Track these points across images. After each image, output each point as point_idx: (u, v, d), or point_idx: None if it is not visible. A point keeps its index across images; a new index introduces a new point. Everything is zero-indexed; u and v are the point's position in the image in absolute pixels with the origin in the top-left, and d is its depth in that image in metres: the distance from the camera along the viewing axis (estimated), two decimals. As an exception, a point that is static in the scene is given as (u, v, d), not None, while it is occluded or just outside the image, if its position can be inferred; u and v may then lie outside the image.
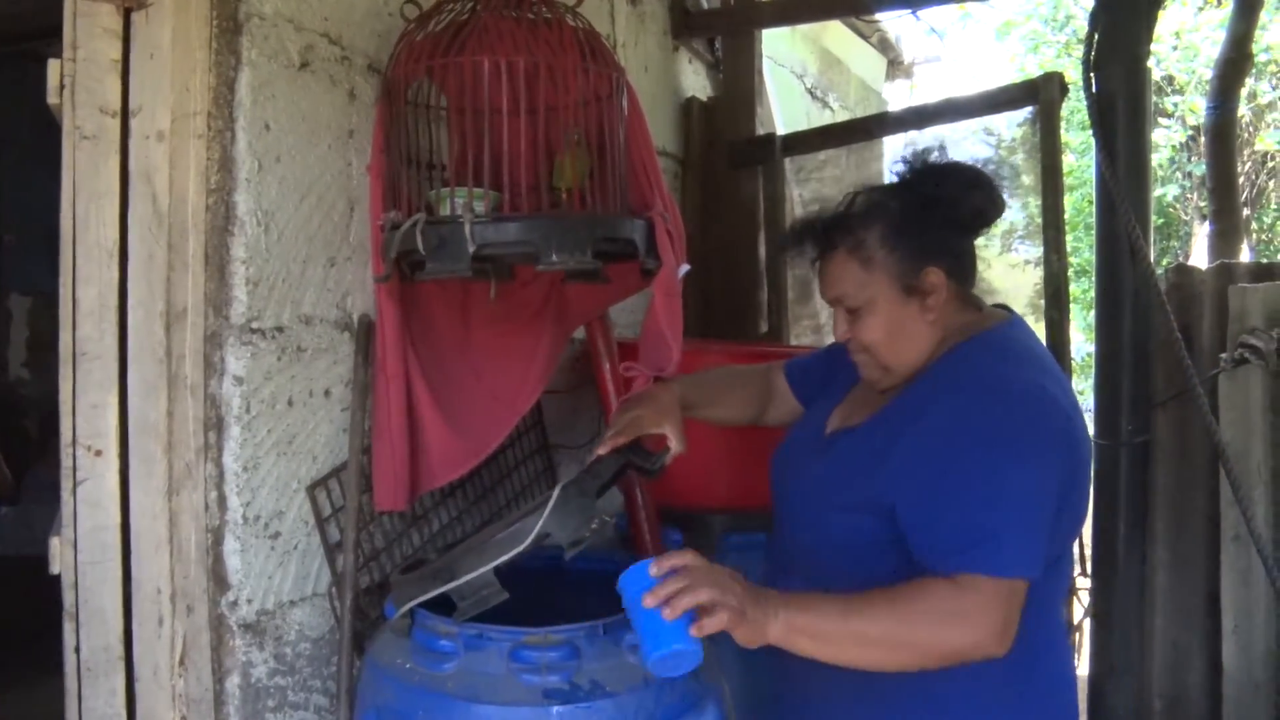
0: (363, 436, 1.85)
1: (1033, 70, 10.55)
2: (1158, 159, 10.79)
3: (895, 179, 1.51)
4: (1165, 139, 10.53)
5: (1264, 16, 9.00)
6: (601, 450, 1.53)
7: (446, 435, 1.84)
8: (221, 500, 1.68)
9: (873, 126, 3.35)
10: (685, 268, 1.80)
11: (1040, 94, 2.64)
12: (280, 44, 1.74)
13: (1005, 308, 1.55)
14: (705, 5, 3.40)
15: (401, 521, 2.01)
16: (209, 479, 1.66)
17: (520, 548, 1.46)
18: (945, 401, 1.37)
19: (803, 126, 4.13)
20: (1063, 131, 2.86)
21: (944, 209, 1.44)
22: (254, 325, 1.71)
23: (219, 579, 1.68)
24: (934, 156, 1.49)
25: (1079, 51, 2.75)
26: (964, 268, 1.48)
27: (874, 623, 1.27)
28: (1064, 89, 2.62)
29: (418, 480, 1.84)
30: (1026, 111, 2.77)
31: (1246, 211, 9.99)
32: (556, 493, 1.49)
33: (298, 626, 1.81)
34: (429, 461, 1.85)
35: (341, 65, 1.88)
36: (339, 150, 1.87)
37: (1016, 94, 2.77)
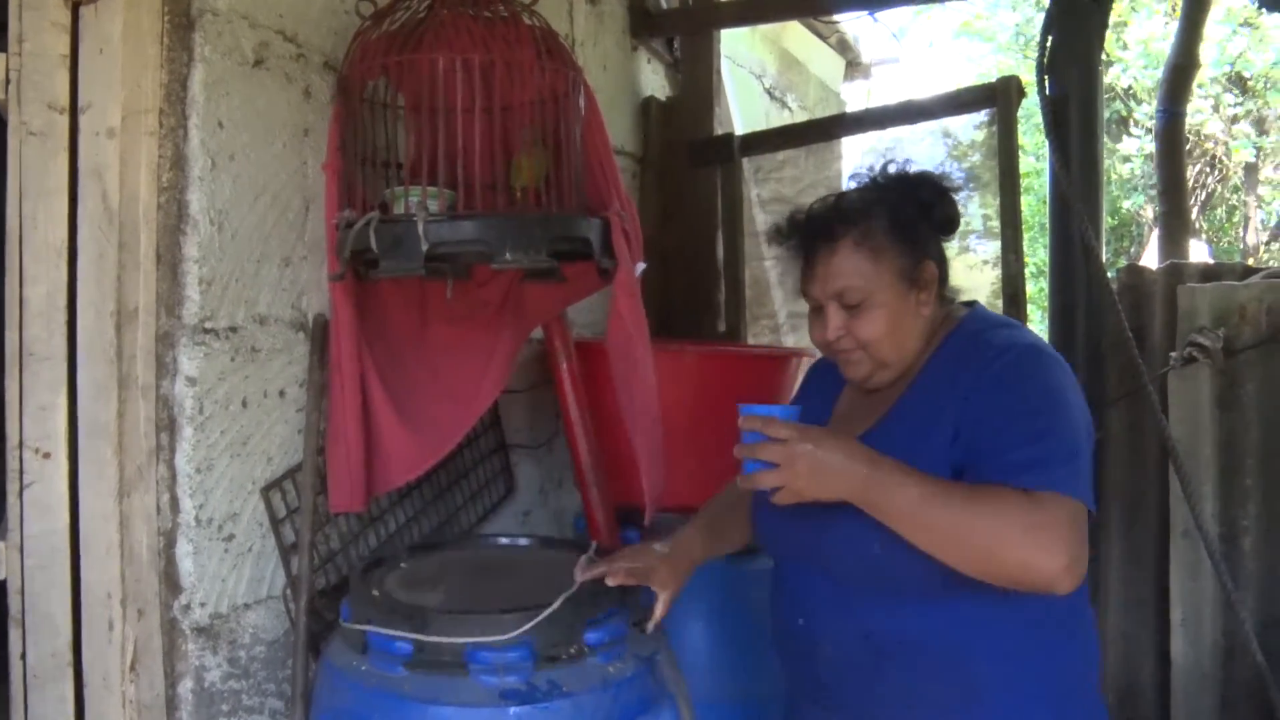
0: (318, 437, 1.84)
1: (991, 73, 10.68)
2: (1130, 169, 10.98)
3: (865, 184, 1.52)
4: (1138, 148, 10.72)
5: (1228, 30, 9.21)
6: (612, 581, 1.59)
7: (403, 435, 1.83)
8: (174, 502, 1.66)
9: (831, 127, 3.37)
10: (641, 266, 1.80)
11: (998, 97, 2.66)
12: (234, 41, 1.72)
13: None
14: (664, 5, 3.40)
15: (358, 522, 2.00)
16: (161, 481, 1.64)
17: (498, 638, 1.46)
18: (976, 368, 1.38)
19: (762, 127, 4.15)
20: (1020, 134, 2.89)
21: (925, 211, 1.47)
22: (207, 325, 1.69)
23: (171, 582, 1.66)
24: (898, 167, 1.51)
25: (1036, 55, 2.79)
26: (945, 265, 1.51)
27: (946, 515, 1.25)
28: (1021, 92, 2.66)
29: (374, 481, 1.83)
30: (984, 114, 2.80)
31: (1198, 216, 10.20)
32: (555, 605, 1.50)
33: (252, 629, 1.80)
34: (385, 462, 1.84)
35: (297, 63, 1.86)
36: (294, 148, 1.86)
37: (975, 96, 2.80)
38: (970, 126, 12.85)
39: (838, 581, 1.43)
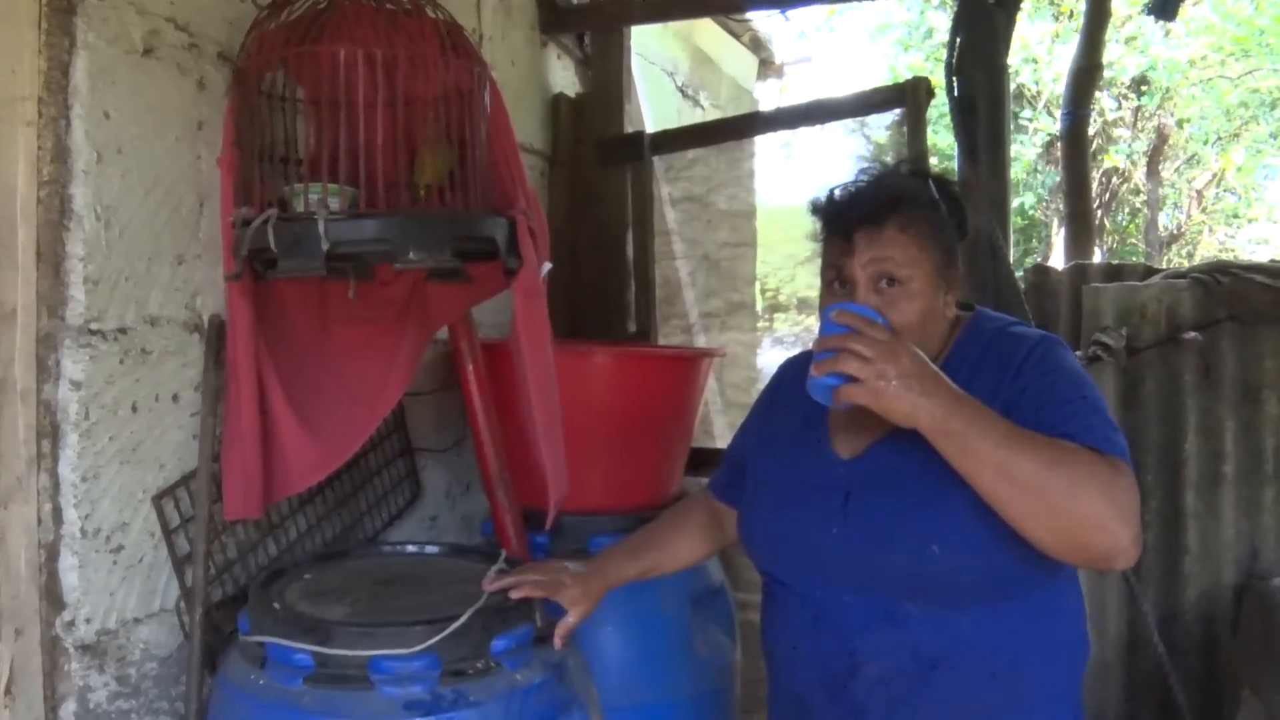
0: (213, 443, 1.79)
1: (904, 72, 10.91)
2: (1016, 169, 11.31)
3: (905, 172, 1.51)
4: (1020, 151, 11.04)
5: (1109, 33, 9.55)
6: (516, 594, 1.57)
7: (303, 440, 1.80)
8: (57, 513, 1.60)
9: (743, 126, 3.41)
10: (547, 266, 1.79)
11: (907, 97, 2.72)
12: (121, 27, 1.67)
13: None
14: (575, 0, 3.40)
15: (256, 531, 1.95)
16: (43, 491, 1.59)
17: (404, 650, 1.44)
18: (1017, 360, 1.38)
19: (673, 125, 4.17)
20: (930, 134, 2.96)
21: (957, 211, 1.48)
22: (94, 326, 1.64)
23: (53, 598, 1.60)
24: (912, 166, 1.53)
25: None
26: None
27: (1030, 459, 1.21)
28: (930, 93, 2.72)
29: (272, 487, 1.80)
30: (895, 114, 2.86)
31: (1101, 215, 10.57)
32: (463, 618, 1.48)
33: (143, 645, 1.74)
34: (284, 467, 1.80)
35: (189, 52, 1.81)
36: (187, 142, 1.81)
37: (885, 97, 2.85)
38: (885, 124, 13.12)
39: (882, 594, 1.38)
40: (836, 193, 1.47)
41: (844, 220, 1.42)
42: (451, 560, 1.92)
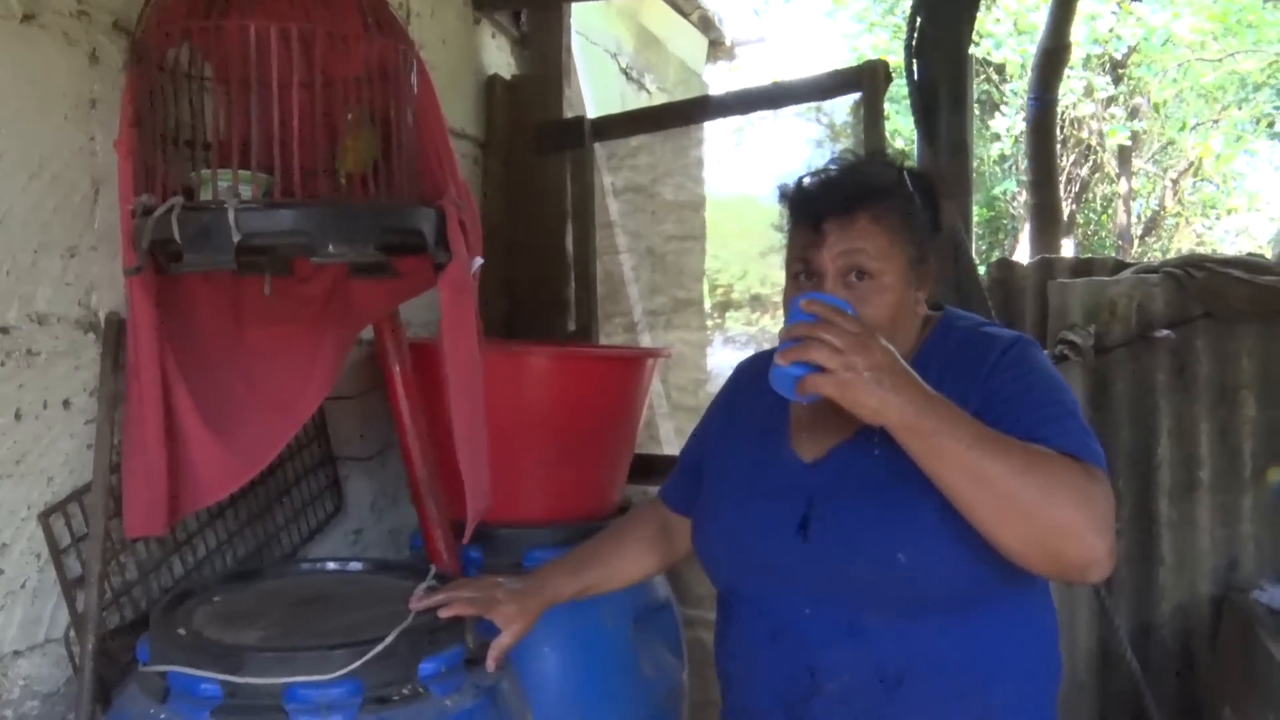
0: (111, 453, 1.77)
1: (866, 50, 11.02)
2: (999, 149, 11.46)
3: (880, 161, 1.54)
4: (1006, 127, 11.16)
5: (1099, 7, 9.73)
6: (446, 613, 1.57)
7: (213, 448, 1.78)
8: (-69, 533, 1.57)
9: (691, 111, 3.41)
10: (478, 261, 1.79)
11: (864, 81, 2.75)
12: (-6, -11, 1.63)
13: None
14: (510, -27, 3.40)
15: (160, 549, 1.93)
16: (-87, 508, 1.55)
17: (323, 677, 1.43)
18: (990, 360, 1.40)
19: (617, 109, 4.18)
20: (895, 117, 2.99)
21: (932, 206, 1.50)
22: (-28, 326, 1.61)
23: (-74, 628, 1.57)
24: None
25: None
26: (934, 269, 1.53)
27: (997, 465, 1.22)
28: (888, 76, 2.75)
29: (179, 501, 1.77)
30: (855, 97, 2.88)
31: (1072, 206, 10.76)
32: (388, 640, 1.47)
33: (24, 681, 1.70)
34: (193, 479, 1.78)
35: (79, 21, 1.78)
36: (79, 122, 1.78)
37: (840, 80, 2.87)
38: (844, 108, 13.26)
39: (843, 606, 1.40)
40: (806, 180, 1.49)
41: (813, 209, 1.44)
42: (377, 578, 1.91)
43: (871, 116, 2.69)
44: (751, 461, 1.57)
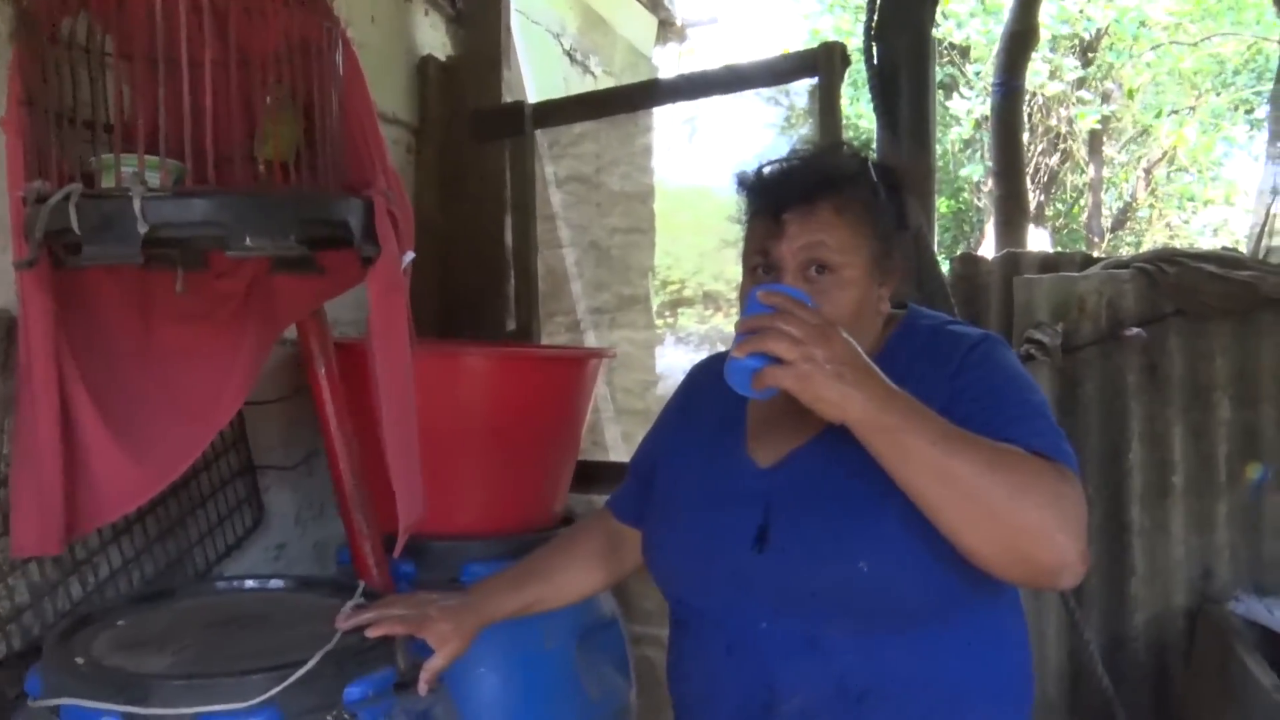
0: None
1: (828, 32, 11.09)
2: (959, 132, 11.57)
3: (845, 151, 1.55)
4: (966, 110, 11.26)
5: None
6: (374, 632, 1.55)
7: (118, 458, 1.74)
8: None
9: (637, 96, 3.41)
10: (410, 256, 1.78)
11: (819, 65, 2.75)
12: None
13: None
14: (444, -53, 3.38)
15: (56, 569, 1.89)
16: None
17: (238, 705, 1.40)
18: (956, 359, 1.42)
19: (561, 94, 4.17)
20: (858, 103, 3.01)
21: (897, 199, 1.50)
22: None
23: None
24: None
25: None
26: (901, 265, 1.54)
27: (964, 464, 1.22)
28: (845, 60, 2.75)
29: (78, 516, 1.74)
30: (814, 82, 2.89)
31: (1040, 197, 10.90)
32: (311, 663, 1.45)
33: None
34: (95, 492, 1.74)
35: (-42, -13, 1.74)
36: (-40, 100, 1.74)
37: (794, 65, 2.85)
38: (804, 91, 13.33)
39: (804, 618, 1.40)
40: (765, 169, 1.50)
41: (773, 199, 1.45)
42: (300, 596, 1.89)
43: (827, 102, 2.69)
44: (705, 468, 1.58)
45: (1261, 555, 3.00)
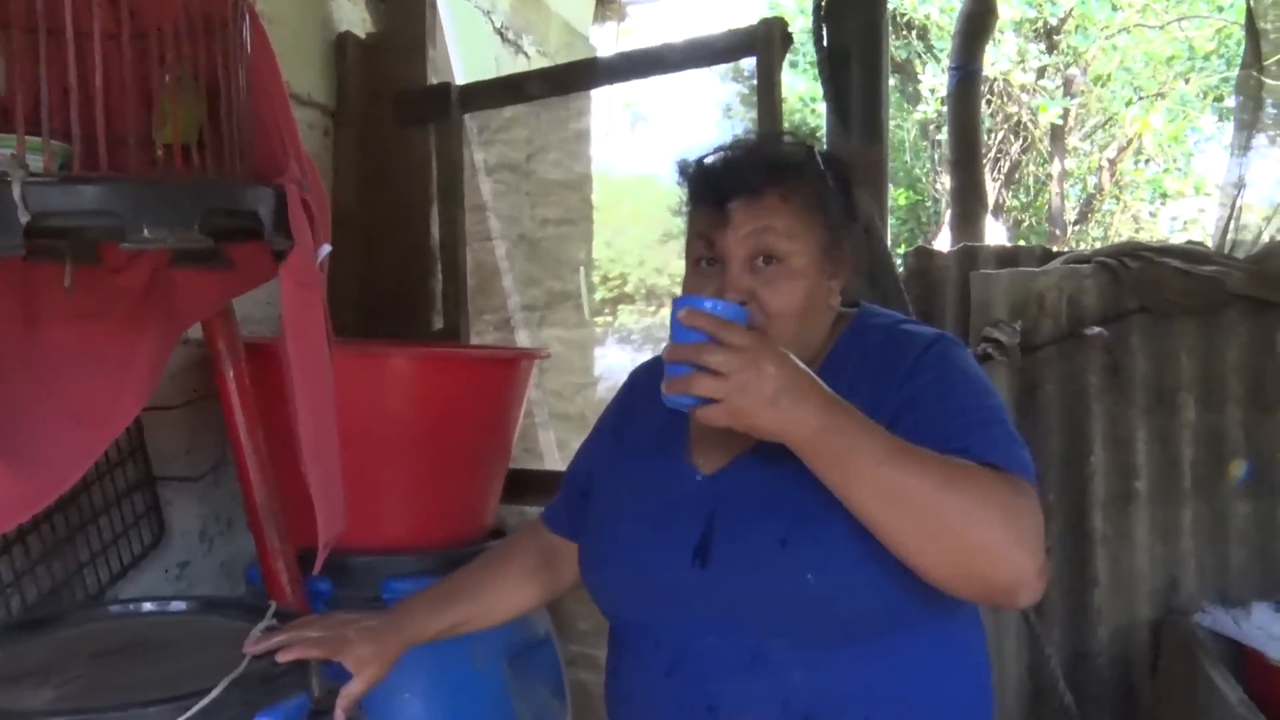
0: None
1: (788, 9, 11.12)
2: (924, 111, 11.67)
3: (791, 140, 1.56)
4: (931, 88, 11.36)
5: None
6: (285, 656, 1.53)
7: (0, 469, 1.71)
8: None
9: (568, 77, 3.39)
10: (326, 249, 1.76)
11: (758, 44, 2.73)
12: None
13: None
14: (363, -85, 3.36)
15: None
16: None
17: None
18: (909, 359, 1.42)
19: (493, 76, 4.15)
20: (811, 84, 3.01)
21: (847, 190, 1.51)
22: None
23: None
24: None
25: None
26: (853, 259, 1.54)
27: (913, 482, 1.24)
28: (787, 38, 2.74)
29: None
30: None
31: (1000, 189, 11.04)
32: (215, 692, 1.42)
33: None
34: (-29, 507, 1.71)
35: None
36: None
37: (732, 43, 2.81)
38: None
39: (745, 634, 1.41)
40: (709, 157, 1.51)
41: (717, 186, 1.45)
42: (205, 619, 1.86)
43: (766, 83, 2.68)
44: (645, 476, 1.58)
45: (1228, 563, 3.05)
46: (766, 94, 2.69)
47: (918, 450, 1.27)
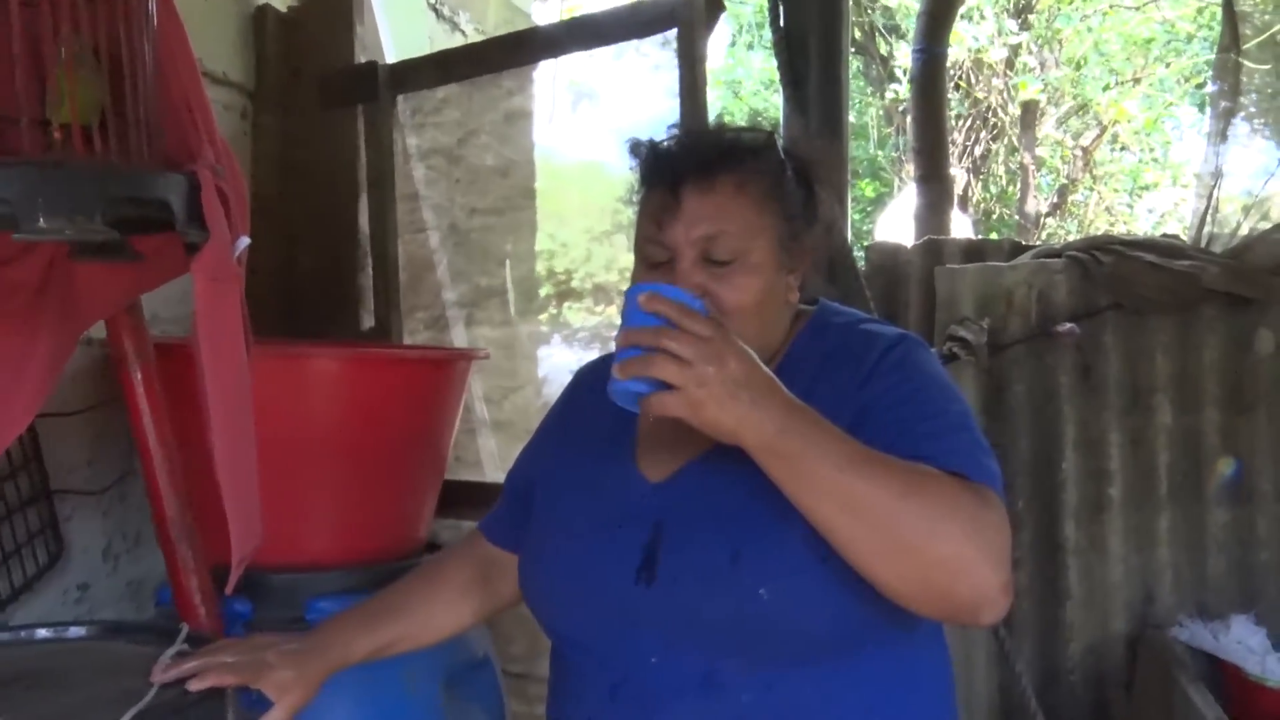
0: None
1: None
2: (895, 91, 11.72)
3: (749, 125, 1.56)
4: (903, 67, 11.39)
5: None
6: (197, 684, 1.51)
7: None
8: None
9: (497, 52, 3.34)
10: (245, 241, 1.75)
11: (679, 16, 2.67)
12: None
13: None
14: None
15: None
16: None
17: None
18: (869, 360, 1.43)
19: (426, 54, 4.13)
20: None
21: (807, 183, 1.52)
22: None
23: None
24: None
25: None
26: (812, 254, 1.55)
27: (873, 490, 1.24)
28: (716, 7, 2.66)
29: None
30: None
31: (968, 179, 11.13)
32: None
33: None
34: None
35: None
36: None
37: (650, 15, 2.79)
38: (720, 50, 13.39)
39: (697, 653, 1.41)
40: (662, 138, 1.52)
41: (669, 171, 1.46)
42: (108, 645, 1.83)
43: (687, 61, 2.61)
44: (589, 484, 1.59)
45: (1206, 574, 3.09)
46: (689, 69, 2.64)
47: (880, 456, 1.28)
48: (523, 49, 3.21)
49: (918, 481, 1.27)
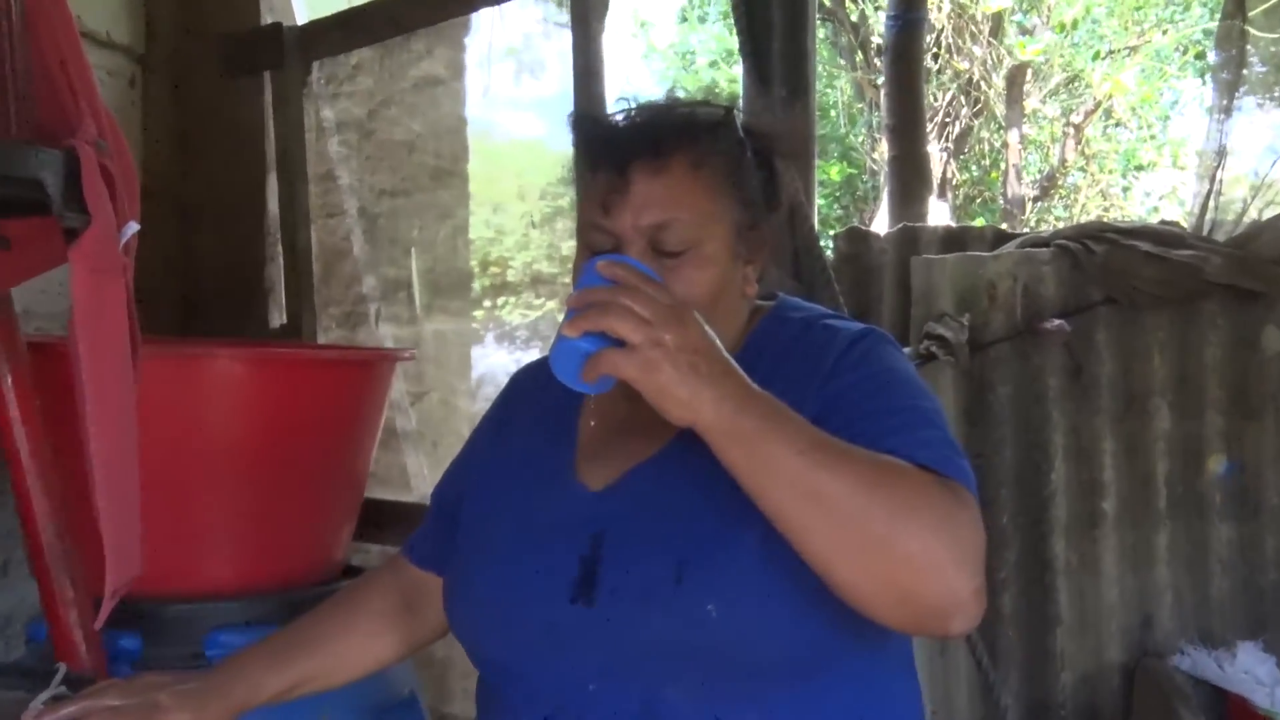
0: None
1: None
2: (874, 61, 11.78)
3: (703, 100, 1.55)
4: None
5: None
6: None
7: None
8: None
9: (416, 8, 3.30)
10: (133, 227, 1.74)
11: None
12: None
13: None
14: None
15: None
16: None
17: None
18: (831, 356, 1.44)
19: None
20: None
21: (768, 165, 1.52)
22: None
23: None
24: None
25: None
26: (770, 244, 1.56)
27: (835, 478, 1.22)
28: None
29: None
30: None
31: (947, 160, 11.19)
32: None
33: None
34: None
35: None
36: None
37: None
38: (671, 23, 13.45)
39: (638, 679, 1.39)
40: (608, 114, 1.53)
41: (616, 149, 1.45)
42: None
43: (580, 12, 2.58)
44: (524, 494, 1.58)
45: (1209, 596, 3.12)
46: (581, 24, 2.57)
47: (845, 445, 1.27)
48: (444, 4, 3.18)
49: (885, 472, 1.26)
